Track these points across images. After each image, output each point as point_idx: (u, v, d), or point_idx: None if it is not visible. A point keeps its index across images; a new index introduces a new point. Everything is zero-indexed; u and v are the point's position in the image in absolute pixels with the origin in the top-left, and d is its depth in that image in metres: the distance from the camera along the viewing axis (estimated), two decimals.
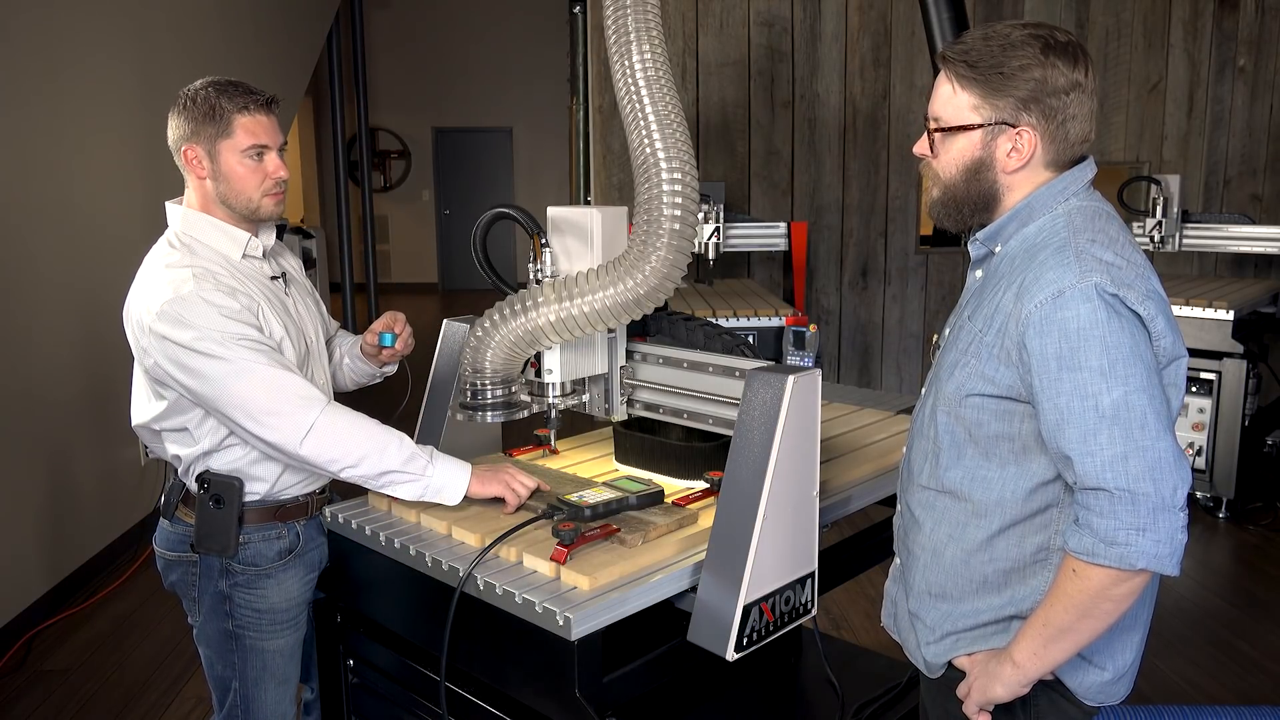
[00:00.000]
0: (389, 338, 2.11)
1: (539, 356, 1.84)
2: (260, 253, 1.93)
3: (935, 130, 1.46)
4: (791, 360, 2.57)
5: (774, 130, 5.49)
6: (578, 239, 1.81)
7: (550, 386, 1.85)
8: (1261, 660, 3.31)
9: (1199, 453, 4.49)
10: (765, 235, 5.11)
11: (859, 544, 2.04)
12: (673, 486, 1.92)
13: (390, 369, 2.24)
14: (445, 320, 2.18)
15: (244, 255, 1.89)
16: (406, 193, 12.81)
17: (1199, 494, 4.57)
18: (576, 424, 2.26)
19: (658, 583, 1.58)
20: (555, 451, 2.19)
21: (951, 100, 1.43)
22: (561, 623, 1.47)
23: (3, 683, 3.26)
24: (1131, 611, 1.40)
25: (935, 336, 1.65)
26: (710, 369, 1.83)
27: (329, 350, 2.16)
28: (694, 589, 1.60)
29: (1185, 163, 5.69)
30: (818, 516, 1.66)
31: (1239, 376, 4.39)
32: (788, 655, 2.38)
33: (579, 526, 1.63)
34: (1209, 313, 4.43)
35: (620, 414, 1.99)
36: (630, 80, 1.64)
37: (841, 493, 1.92)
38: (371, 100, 11.11)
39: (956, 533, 1.48)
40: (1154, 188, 4.93)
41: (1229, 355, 4.41)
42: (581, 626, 1.47)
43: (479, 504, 1.84)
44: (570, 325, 1.68)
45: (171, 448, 1.90)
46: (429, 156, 12.73)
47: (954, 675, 1.54)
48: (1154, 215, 4.95)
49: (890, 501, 1.77)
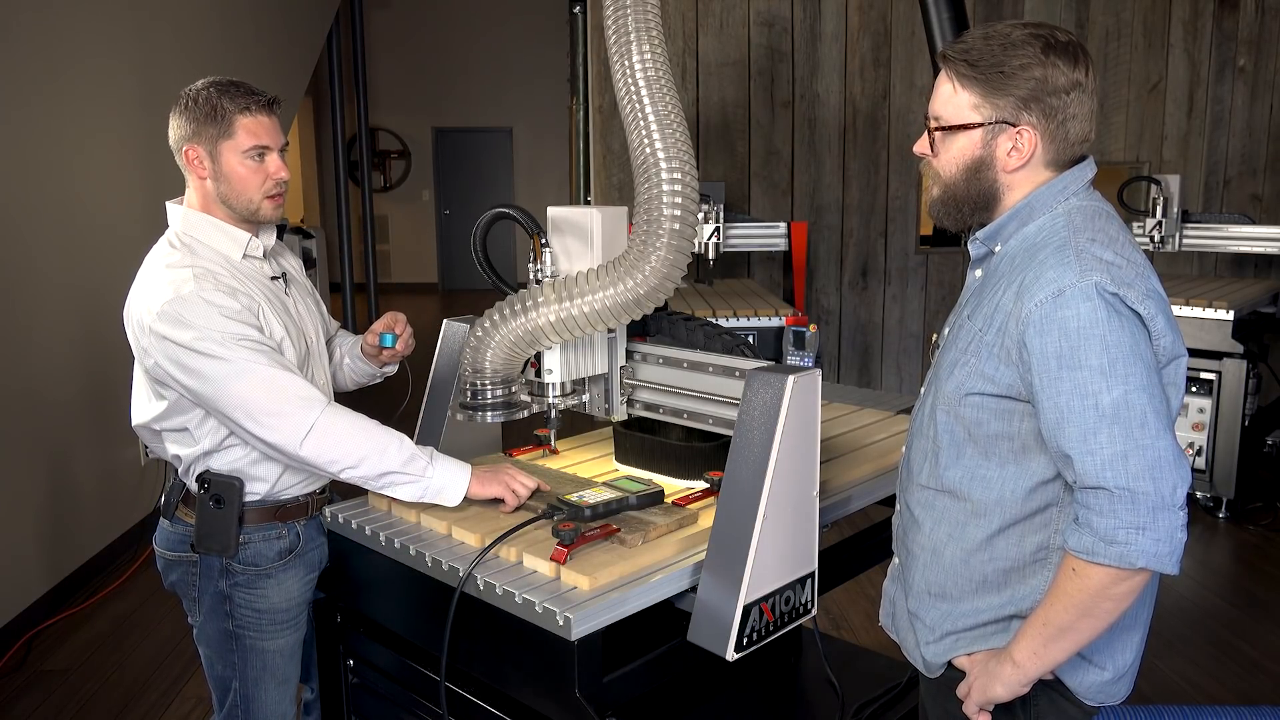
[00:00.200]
0: (389, 338, 2.11)
1: (539, 356, 1.84)
2: (261, 253, 1.93)
3: (936, 129, 1.46)
4: (791, 360, 2.57)
5: (774, 130, 5.49)
6: (578, 239, 1.81)
7: (550, 386, 1.85)
8: (1261, 660, 3.31)
9: (1199, 453, 4.49)
10: (765, 235, 5.11)
11: (859, 544, 2.04)
12: (673, 486, 1.92)
13: (391, 369, 2.24)
14: (445, 320, 2.18)
15: (244, 255, 1.89)
16: (406, 193, 12.81)
17: (1199, 494, 4.57)
18: (576, 424, 2.26)
19: (658, 583, 1.58)
20: (555, 451, 2.19)
21: (952, 99, 1.43)
22: (561, 623, 1.47)
23: (3, 683, 3.26)
24: (1131, 611, 1.40)
25: (934, 336, 1.65)
26: (710, 369, 1.83)
27: (329, 350, 2.16)
28: (694, 589, 1.60)
29: (1185, 163, 5.69)
30: (818, 516, 1.66)
31: (1239, 376, 4.39)
32: (788, 655, 2.38)
33: (579, 526, 1.63)
34: (1209, 313, 4.43)
35: (620, 414, 1.99)
36: (630, 80, 1.64)
37: (841, 493, 1.92)
38: (371, 100, 11.11)
39: (956, 532, 1.49)
40: (1154, 188, 4.93)
41: (1229, 355, 4.41)
42: (581, 626, 1.47)
43: (479, 504, 1.84)
44: (570, 325, 1.68)
45: (172, 448, 1.90)
46: (429, 156, 12.73)
47: (953, 675, 1.54)
48: (1154, 215, 4.95)
49: (890, 501, 1.77)
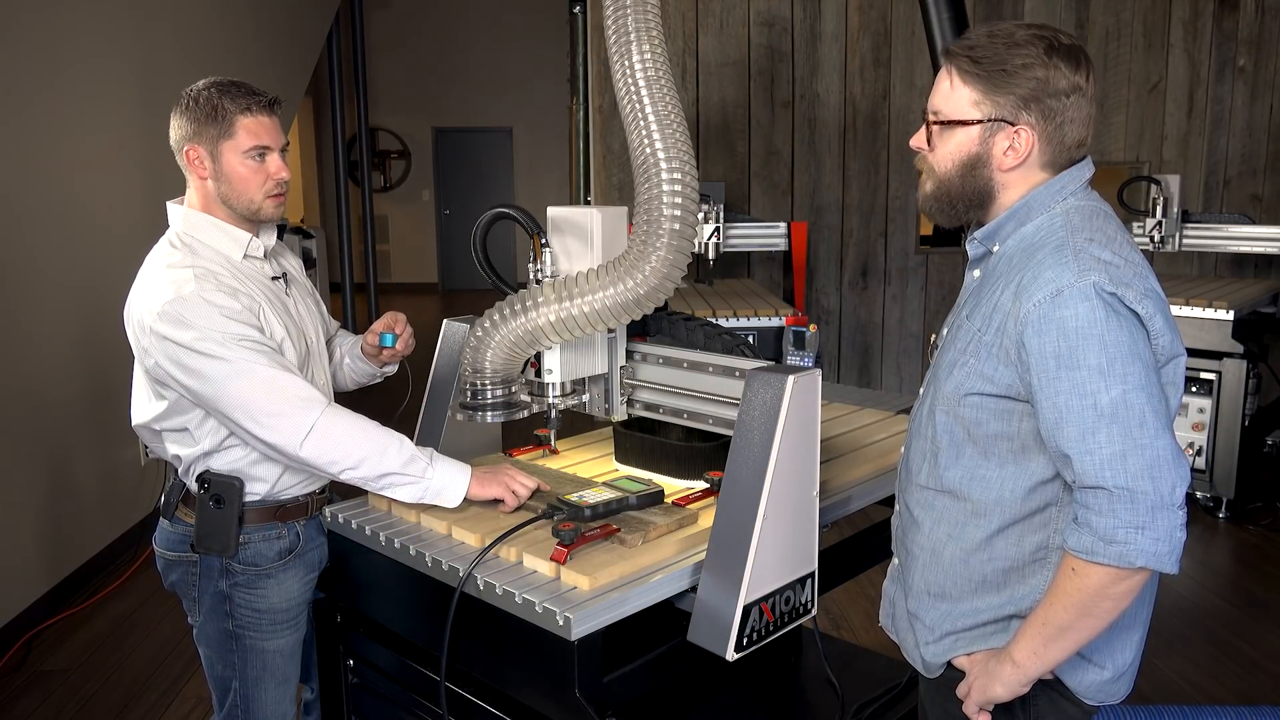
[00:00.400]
0: (389, 338, 2.11)
1: (539, 356, 1.84)
2: (261, 253, 1.93)
3: (934, 123, 1.46)
4: (791, 360, 2.57)
5: (774, 130, 5.49)
6: (578, 239, 1.81)
7: (550, 386, 1.85)
8: (1261, 660, 3.31)
9: (1199, 453, 4.49)
10: (765, 235, 5.11)
11: (859, 544, 2.04)
12: (673, 486, 1.92)
13: (390, 369, 2.24)
14: (445, 320, 2.18)
15: (245, 255, 1.89)
16: (406, 193, 12.81)
17: (1199, 494, 4.57)
18: (576, 424, 2.26)
19: (658, 583, 1.58)
20: (555, 451, 2.19)
21: (952, 95, 1.43)
22: (561, 623, 1.47)
23: (3, 683, 3.26)
24: (1131, 610, 1.40)
25: (933, 336, 1.65)
26: (710, 369, 1.83)
27: (329, 350, 2.16)
28: (694, 589, 1.60)
29: (1185, 163, 5.69)
30: (818, 516, 1.66)
31: (1239, 376, 4.39)
32: (788, 655, 2.38)
33: (579, 526, 1.63)
34: (1209, 313, 4.43)
35: (620, 414, 1.99)
36: (630, 80, 1.64)
37: (841, 493, 1.92)
38: (371, 100, 11.11)
39: (955, 532, 1.49)
40: (1154, 188, 4.93)
41: (1229, 355, 4.41)
42: (581, 626, 1.47)
43: (479, 505, 1.84)
44: (570, 325, 1.68)
45: (172, 448, 1.90)
46: (429, 156, 12.73)
47: (953, 675, 1.54)
48: (1154, 215, 4.95)
49: (890, 502, 1.77)
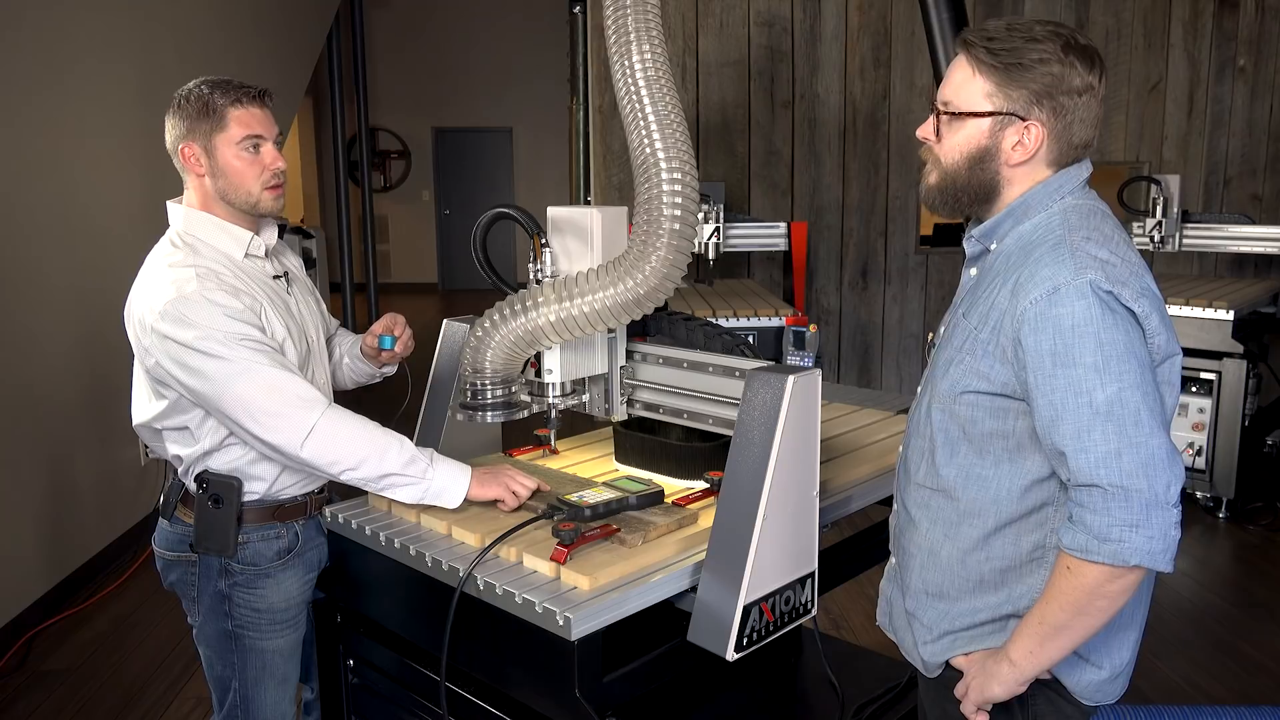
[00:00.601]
0: (388, 340, 2.11)
1: (539, 356, 1.84)
2: (263, 252, 1.93)
3: (944, 114, 1.46)
4: (791, 360, 2.57)
5: (774, 130, 5.49)
6: (578, 239, 1.81)
7: (550, 386, 1.85)
8: (1262, 660, 3.31)
9: (1199, 453, 4.49)
10: (765, 235, 5.11)
11: (859, 544, 2.04)
12: (673, 486, 1.92)
13: (390, 370, 2.24)
14: (445, 320, 2.18)
15: (246, 254, 1.90)
16: (406, 193, 12.81)
17: (1199, 494, 4.57)
18: (576, 424, 2.26)
19: (658, 583, 1.58)
20: (555, 451, 2.19)
21: (967, 84, 1.43)
22: (561, 623, 1.47)
23: (3, 683, 3.26)
24: (1127, 610, 1.40)
25: (931, 335, 1.65)
26: (710, 369, 1.83)
27: (329, 349, 2.16)
28: (694, 589, 1.60)
29: (1185, 163, 5.69)
30: (818, 516, 1.66)
31: (1239, 376, 4.39)
32: (788, 655, 2.38)
33: (579, 526, 1.63)
34: (1209, 313, 4.43)
35: (620, 414, 1.99)
36: (630, 80, 1.64)
37: (841, 493, 1.92)
38: (371, 100, 11.11)
39: (952, 532, 1.49)
40: (1154, 188, 4.93)
41: (1229, 355, 4.41)
42: (581, 626, 1.47)
43: (478, 505, 1.84)
44: (570, 325, 1.68)
45: (172, 448, 1.90)
46: (429, 156, 12.73)
47: (951, 675, 1.54)
48: (1154, 215, 4.95)
49: (890, 501, 1.77)
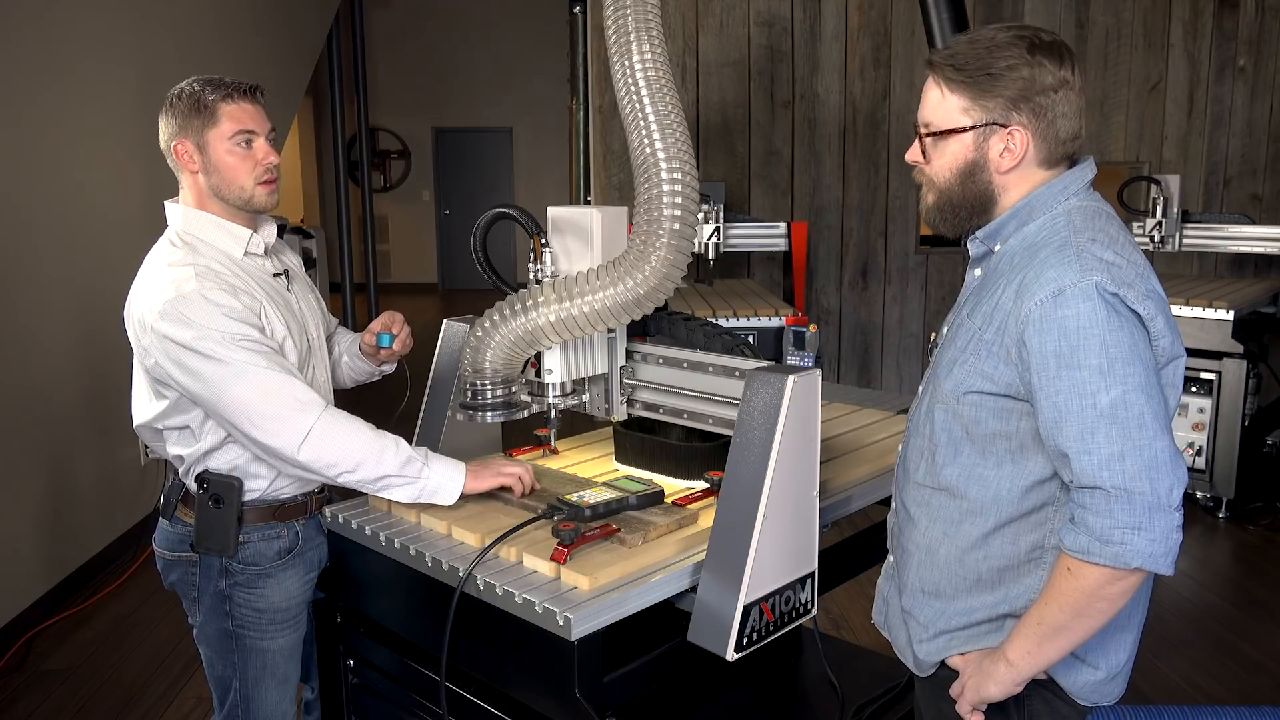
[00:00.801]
0: (387, 338, 2.11)
1: (539, 356, 1.84)
2: (262, 250, 1.93)
3: (927, 135, 1.47)
4: (791, 360, 2.57)
5: (774, 130, 5.49)
6: (578, 239, 1.81)
7: (550, 386, 1.85)
8: (1261, 660, 3.31)
9: (1199, 453, 4.49)
10: (765, 235, 5.11)
11: (859, 544, 2.04)
12: (673, 486, 1.92)
13: (389, 368, 2.24)
14: (445, 320, 2.18)
15: (246, 253, 1.90)
16: (406, 193, 12.81)
17: (1199, 494, 4.57)
18: (576, 424, 2.26)
19: (658, 583, 1.58)
20: (555, 451, 2.19)
21: (941, 104, 1.44)
22: (561, 623, 1.47)
23: (3, 683, 3.26)
24: (1125, 611, 1.40)
25: (933, 335, 1.65)
26: (710, 369, 1.83)
27: (328, 347, 2.16)
28: (694, 589, 1.60)
29: (1185, 163, 5.69)
30: (818, 516, 1.66)
31: (1239, 376, 4.39)
32: (788, 655, 2.38)
33: (579, 526, 1.63)
34: (1209, 313, 4.43)
35: (620, 414, 1.99)
36: (630, 80, 1.64)
37: (841, 493, 1.92)
38: (371, 100, 11.11)
39: (951, 530, 1.49)
40: (1154, 188, 4.93)
41: (1229, 355, 4.41)
42: (581, 626, 1.47)
43: (476, 503, 1.84)
44: (570, 325, 1.68)
45: (173, 448, 1.90)
46: (429, 156, 12.73)
47: (947, 675, 1.54)
48: (1154, 215, 4.95)
49: (890, 501, 1.77)
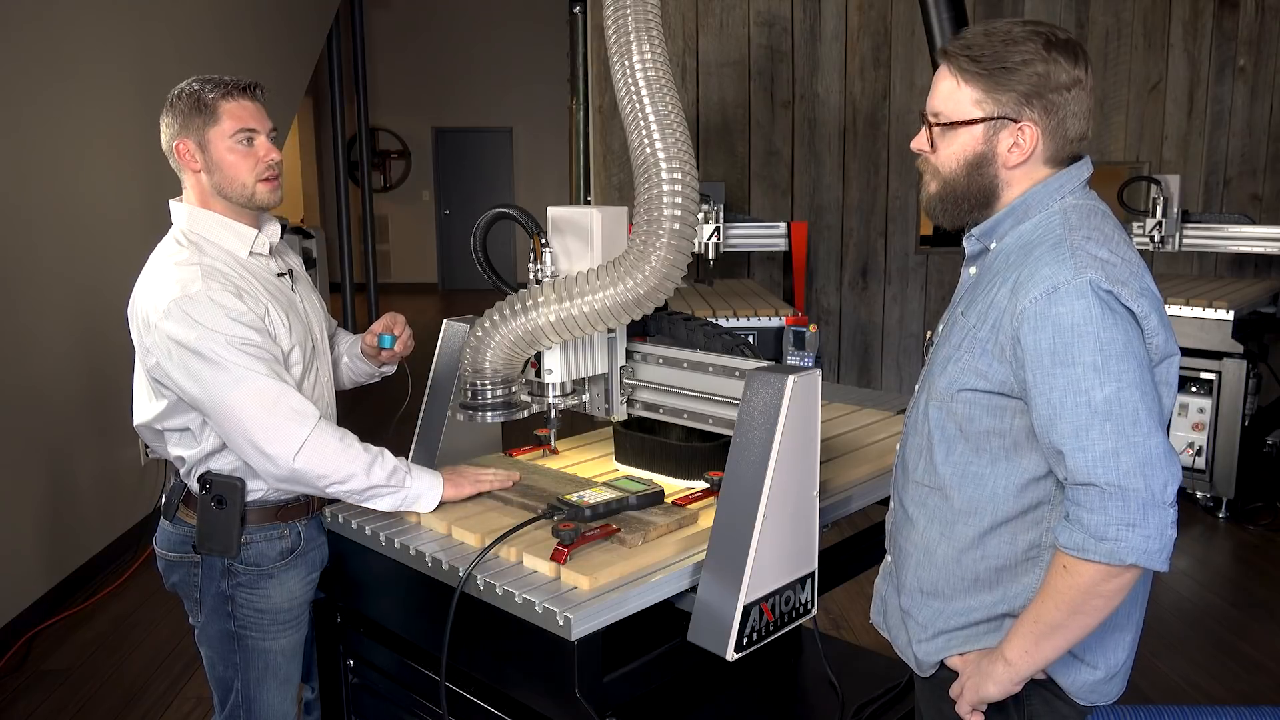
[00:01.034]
0: (388, 339, 2.11)
1: (539, 356, 1.84)
2: (267, 249, 1.93)
3: (936, 125, 1.46)
4: (791, 360, 2.58)
5: (774, 130, 5.49)
6: (578, 239, 1.81)
7: (550, 386, 1.85)
8: (1261, 660, 3.31)
9: (1199, 453, 4.49)
10: (765, 235, 5.11)
11: (859, 544, 2.04)
12: (673, 486, 1.92)
13: (389, 369, 2.24)
14: (445, 320, 2.18)
15: (251, 252, 1.90)
16: (406, 193, 12.81)
17: (1199, 494, 4.57)
18: (576, 424, 2.26)
19: (658, 583, 1.58)
20: (555, 451, 2.19)
21: (953, 95, 1.43)
22: (561, 623, 1.47)
23: (3, 683, 3.26)
24: (1123, 611, 1.40)
25: (929, 333, 1.65)
26: (710, 369, 1.83)
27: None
28: (694, 589, 1.60)
29: (1185, 163, 5.69)
30: (818, 516, 1.66)
31: (1239, 376, 4.39)
32: (788, 655, 2.38)
33: (579, 526, 1.64)
34: (1209, 313, 4.43)
35: (620, 414, 1.99)
36: (630, 80, 1.64)
37: (841, 493, 1.92)
38: (371, 100, 11.11)
39: (948, 530, 1.49)
40: (1154, 188, 4.93)
41: (1229, 355, 4.41)
42: (581, 626, 1.47)
43: (476, 503, 1.84)
44: (570, 325, 1.68)
45: (175, 449, 1.89)
46: (429, 156, 12.73)
47: (946, 675, 1.54)
48: (1154, 215, 4.95)
49: (889, 501, 1.77)
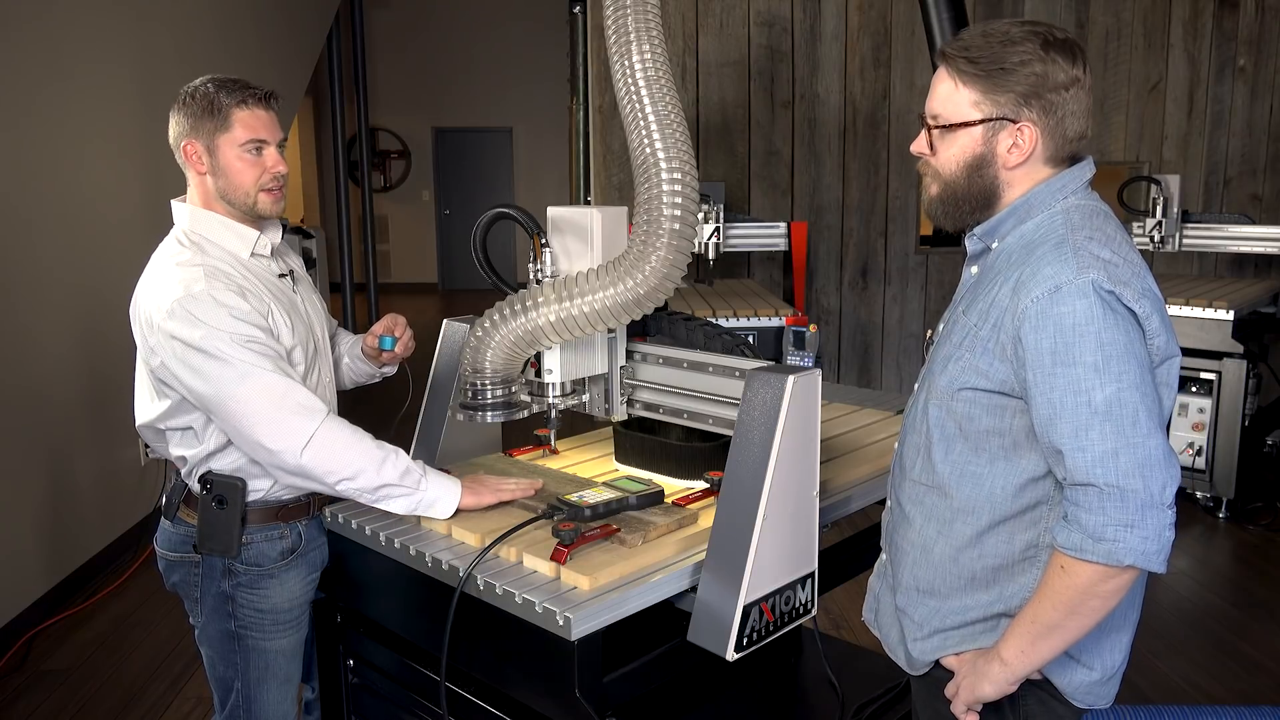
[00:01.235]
0: (389, 341, 2.11)
1: (539, 356, 1.84)
2: (269, 250, 1.93)
3: (935, 127, 1.46)
4: (791, 360, 2.58)
5: (774, 130, 5.49)
6: (578, 239, 1.81)
7: (550, 386, 1.85)
8: (1261, 660, 3.31)
9: (1199, 453, 4.49)
10: (765, 235, 5.11)
11: (859, 544, 2.04)
12: (673, 486, 1.92)
13: (390, 370, 2.24)
14: (445, 320, 2.18)
15: (253, 253, 1.90)
16: (406, 193, 12.81)
17: (1199, 494, 4.57)
18: (576, 424, 2.26)
19: (658, 583, 1.58)
20: (555, 451, 2.19)
21: (952, 96, 1.43)
22: (561, 623, 1.47)
23: (3, 683, 3.26)
24: (1119, 612, 1.40)
25: (929, 332, 1.65)
26: (710, 369, 1.83)
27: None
28: (694, 589, 1.60)
29: (1185, 163, 5.69)
30: (818, 516, 1.66)
31: (1239, 376, 4.39)
32: (788, 655, 2.38)
33: (579, 526, 1.64)
34: (1209, 313, 4.43)
35: (620, 414, 1.99)
36: (630, 80, 1.64)
37: (841, 493, 1.92)
38: (371, 100, 11.11)
39: (946, 529, 1.49)
40: (1154, 188, 4.93)
41: (1229, 355, 4.41)
42: (581, 626, 1.47)
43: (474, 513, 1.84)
44: (570, 325, 1.68)
45: (176, 449, 1.89)
46: (429, 156, 12.73)
47: (941, 675, 1.54)
48: (1154, 215, 4.95)
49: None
